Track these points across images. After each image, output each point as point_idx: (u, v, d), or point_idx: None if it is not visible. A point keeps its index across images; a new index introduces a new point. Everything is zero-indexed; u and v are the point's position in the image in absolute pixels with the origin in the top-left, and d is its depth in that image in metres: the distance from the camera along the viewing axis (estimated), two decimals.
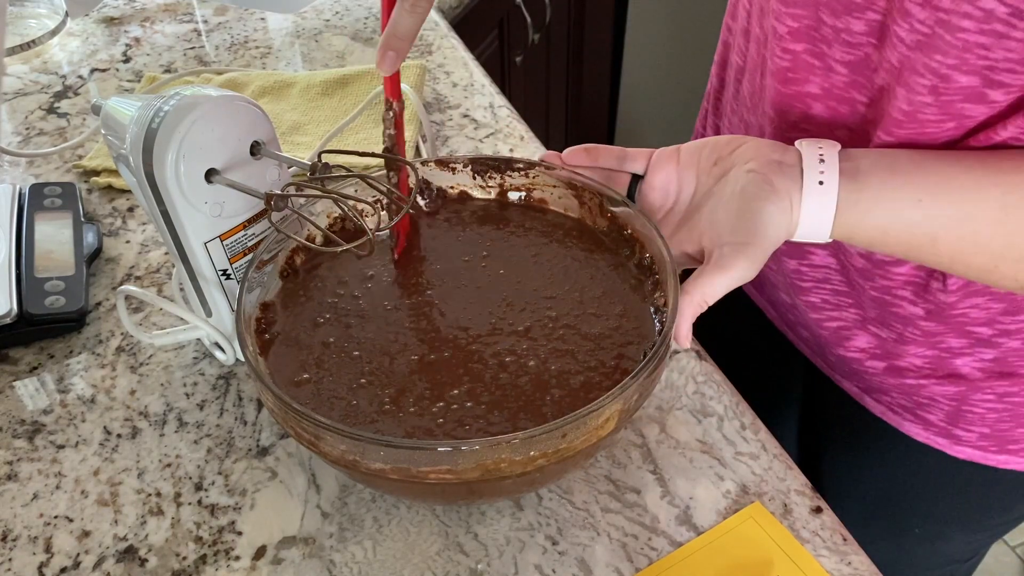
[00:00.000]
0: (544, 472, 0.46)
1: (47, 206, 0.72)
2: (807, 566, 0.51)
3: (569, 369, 0.50)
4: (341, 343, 0.52)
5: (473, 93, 0.90)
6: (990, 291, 0.57)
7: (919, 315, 0.60)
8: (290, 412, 0.45)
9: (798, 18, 0.52)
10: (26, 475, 0.56)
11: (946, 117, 0.48)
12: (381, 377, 0.50)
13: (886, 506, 0.74)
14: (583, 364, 0.50)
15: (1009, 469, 0.66)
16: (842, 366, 0.70)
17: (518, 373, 0.50)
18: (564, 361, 0.51)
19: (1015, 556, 1.58)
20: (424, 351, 0.51)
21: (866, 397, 0.70)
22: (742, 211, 0.48)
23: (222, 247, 0.55)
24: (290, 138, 0.83)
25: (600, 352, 0.51)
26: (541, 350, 0.51)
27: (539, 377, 0.50)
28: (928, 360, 0.63)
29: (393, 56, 0.50)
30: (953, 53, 0.45)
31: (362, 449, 0.44)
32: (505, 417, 0.48)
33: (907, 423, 0.68)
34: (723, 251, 0.47)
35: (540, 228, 0.60)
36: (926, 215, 0.47)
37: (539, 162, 0.59)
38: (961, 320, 0.59)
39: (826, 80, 0.53)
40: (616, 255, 0.57)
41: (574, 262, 0.57)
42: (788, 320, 0.74)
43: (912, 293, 0.59)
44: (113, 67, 0.95)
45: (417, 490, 0.48)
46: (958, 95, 0.47)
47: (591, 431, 0.45)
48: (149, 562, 0.52)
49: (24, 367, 0.63)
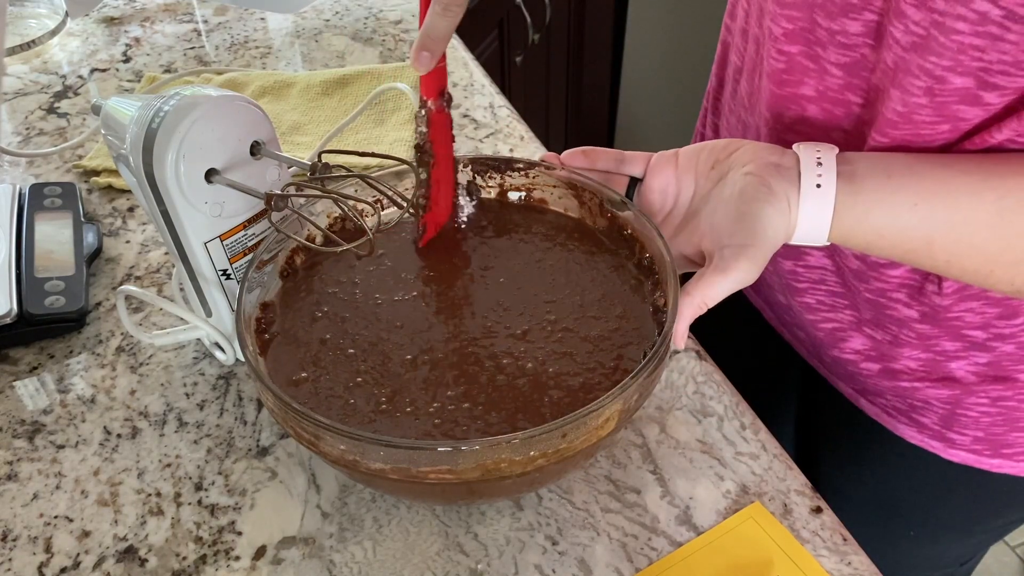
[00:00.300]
0: (544, 472, 0.46)
1: (47, 206, 0.72)
2: (807, 566, 0.51)
3: (568, 370, 0.50)
4: (339, 343, 0.52)
5: (473, 93, 0.90)
6: (985, 295, 0.57)
7: (913, 317, 0.60)
8: (290, 412, 0.45)
9: (793, 20, 0.53)
10: (26, 475, 0.56)
11: (940, 119, 0.48)
12: (379, 378, 0.50)
13: (882, 509, 0.74)
14: (583, 365, 0.50)
15: (1003, 473, 0.66)
16: (838, 367, 0.70)
17: (516, 374, 0.50)
18: (563, 362, 0.51)
19: (1015, 556, 1.58)
20: (423, 352, 0.51)
21: (861, 399, 0.70)
22: (741, 213, 0.48)
23: (222, 247, 0.55)
24: (290, 138, 0.83)
25: (600, 353, 0.51)
26: (540, 351, 0.51)
27: (538, 378, 0.50)
28: (922, 363, 0.63)
29: (427, 56, 0.51)
30: (947, 55, 0.45)
31: (362, 449, 0.44)
32: (503, 418, 0.48)
33: (902, 426, 0.68)
34: (723, 253, 0.47)
35: (539, 228, 0.59)
36: (922, 219, 0.47)
37: (539, 162, 0.59)
38: (955, 323, 0.59)
39: (821, 82, 0.53)
40: (616, 255, 0.57)
41: (574, 263, 0.57)
42: (785, 321, 0.74)
43: (907, 295, 0.59)
44: (113, 67, 0.95)
45: (417, 490, 0.48)
46: (952, 96, 0.47)
47: (591, 431, 0.45)
48: (149, 562, 0.52)
49: (24, 367, 0.63)
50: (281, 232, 0.52)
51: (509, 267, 0.57)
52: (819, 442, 0.78)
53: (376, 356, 0.51)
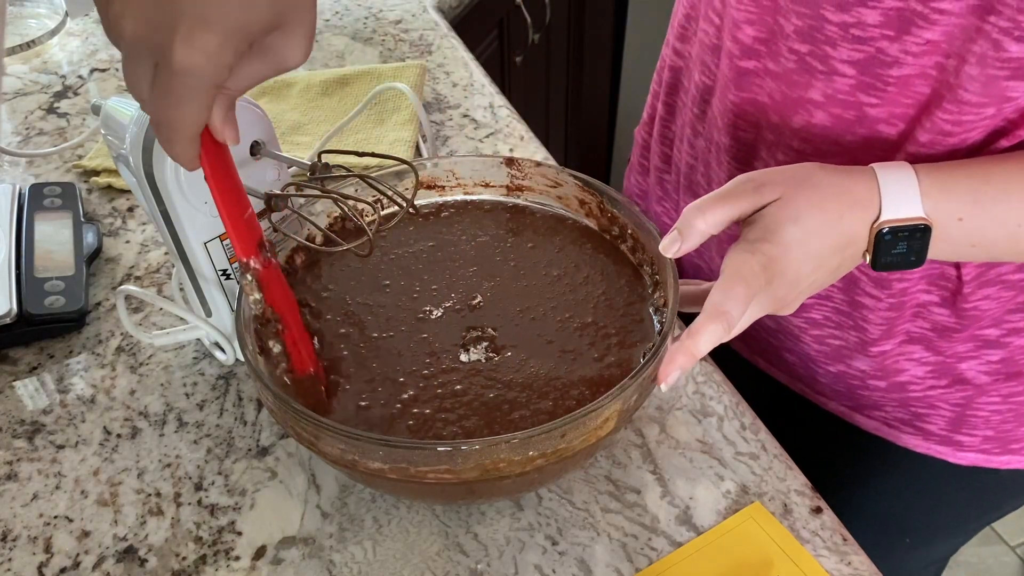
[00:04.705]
0: (543, 472, 0.46)
1: (47, 206, 0.72)
2: (807, 566, 0.51)
3: (568, 370, 0.50)
4: (339, 342, 0.52)
5: (473, 93, 0.90)
6: (1001, 279, 0.56)
7: (935, 302, 0.59)
8: (289, 411, 0.45)
9: (801, 16, 0.51)
10: (26, 475, 0.56)
11: (987, 100, 0.48)
12: (378, 376, 0.50)
13: (879, 520, 0.73)
14: (582, 365, 0.50)
15: (1011, 469, 0.66)
16: (838, 384, 0.68)
17: (515, 374, 0.50)
18: (563, 362, 0.51)
19: (1015, 556, 1.58)
20: (421, 349, 0.51)
21: (857, 415, 0.69)
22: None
23: (222, 247, 0.55)
24: (290, 138, 0.83)
25: (599, 353, 0.51)
26: (539, 351, 0.51)
27: (537, 378, 0.50)
28: (931, 368, 0.62)
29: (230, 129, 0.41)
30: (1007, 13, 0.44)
31: (361, 449, 0.44)
32: (500, 418, 0.48)
33: (905, 435, 0.67)
34: None
35: (539, 227, 0.60)
36: (1011, 192, 0.48)
37: (538, 162, 0.59)
38: (972, 313, 0.58)
39: (829, 84, 0.52)
40: (615, 255, 0.57)
41: (573, 262, 0.57)
42: (766, 346, 0.72)
43: (927, 284, 0.58)
44: (113, 67, 0.95)
45: (416, 490, 0.48)
46: (1003, 70, 0.46)
47: (590, 431, 0.45)
48: (149, 562, 0.52)
49: (24, 367, 0.63)
50: (281, 232, 0.52)
51: (509, 268, 0.57)
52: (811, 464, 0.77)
53: (380, 355, 0.51)
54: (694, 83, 0.63)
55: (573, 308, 0.54)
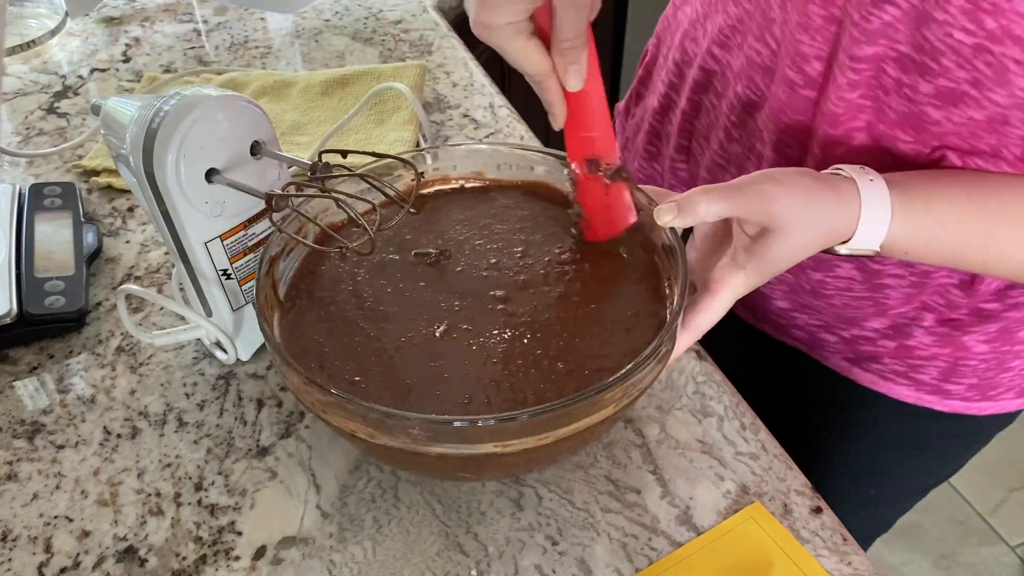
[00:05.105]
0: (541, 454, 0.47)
1: (47, 206, 0.72)
2: (807, 566, 0.51)
3: (573, 359, 0.50)
4: (346, 328, 0.52)
5: (473, 93, 0.90)
6: None
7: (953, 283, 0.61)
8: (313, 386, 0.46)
9: (859, 71, 0.53)
10: (26, 475, 0.56)
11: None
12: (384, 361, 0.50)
13: (858, 472, 0.75)
14: (586, 354, 0.51)
15: (988, 415, 0.68)
16: (840, 344, 0.70)
17: (523, 359, 0.50)
18: (567, 350, 0.51)
19: (1015, 556, 1.58)
20: (427, 338, 0.52)
21: (854, 368, 0.70)
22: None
23: (222, 247, 0.55)
24: (290, 138, 0.83)
25: (607, 338, 0.51)
26: (544, 341, 0.51)
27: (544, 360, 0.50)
28: (937, 337, 0.64)
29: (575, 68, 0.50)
30: None
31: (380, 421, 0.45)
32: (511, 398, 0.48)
33: (899, 387, 0.69)
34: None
35: (541, 217, 0.60)
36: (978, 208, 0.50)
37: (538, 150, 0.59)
38: (981, 289, 0.60)
39: (876, 116, 0.54)
40: (620, 244, 0.57)
41: (576, 252, 0.57)
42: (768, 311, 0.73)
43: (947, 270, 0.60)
44: (113, 67, 0.95)
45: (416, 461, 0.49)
46: None
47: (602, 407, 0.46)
48: (149, 562, 0.52)
49: (24, 367, 0.63)
50: (282, 232, 0.52)
51: (513, 255, 0.57)
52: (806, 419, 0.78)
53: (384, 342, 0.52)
54: (735, 93, 0.63)
55: (577, 298, 0.54)
